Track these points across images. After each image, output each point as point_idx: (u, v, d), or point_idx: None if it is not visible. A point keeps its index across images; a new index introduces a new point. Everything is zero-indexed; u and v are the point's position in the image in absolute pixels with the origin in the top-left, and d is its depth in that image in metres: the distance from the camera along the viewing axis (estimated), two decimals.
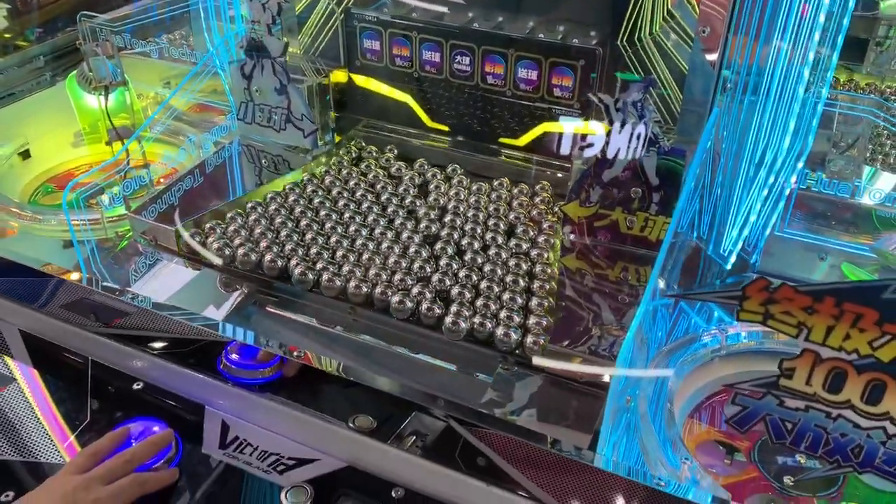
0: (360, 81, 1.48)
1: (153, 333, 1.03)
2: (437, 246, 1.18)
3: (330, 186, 1.34)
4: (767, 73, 1.08)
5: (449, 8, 1.37)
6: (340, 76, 1.48)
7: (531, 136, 1.37)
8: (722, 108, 1.15)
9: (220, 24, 1.57)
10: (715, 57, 1.14)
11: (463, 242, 1.20)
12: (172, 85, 1.68)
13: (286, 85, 1.39)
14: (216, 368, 0.97)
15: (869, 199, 1.16)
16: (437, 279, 1.10)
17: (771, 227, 1.19)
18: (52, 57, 1.83)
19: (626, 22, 1.23)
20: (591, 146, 1.16)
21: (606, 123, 1.13)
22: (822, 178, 1.16)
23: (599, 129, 1.15)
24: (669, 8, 1.25)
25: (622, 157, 1.15)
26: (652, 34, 1.25)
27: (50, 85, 1.78)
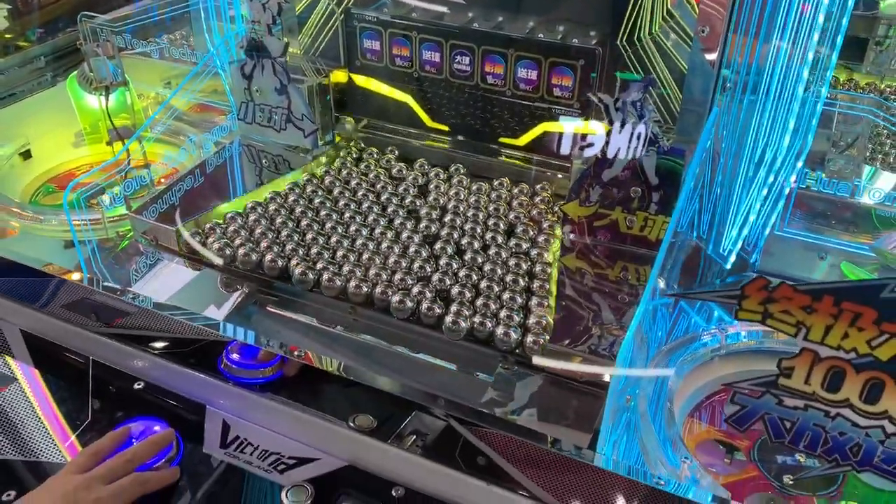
0: (360, 81, 1.48)
1: (154, 333, 1.04)
2: (437, 245, 1.18)
3: (330, 186, 1.34)
4: (767, 72, 1.08)
5: (449, 8, 1.37)
6: (340, 76, 1.48)
7: (531, 135, 1.37)
8: (721, 107, 1.15)
9: (220, 24, 1.57)
10: (714, 56, 1.14)
11: (463, 242, 1.20)
12: (173, 85, 1.68)
13: (286, 85, 1.39)
14: (217, 368, 0.97)
15: (868, 198, 1.16)
16: (437, 279, 1.10)
17: (771, 226, 1.19)
18: (52, 57, 1.84)
19: (625, 22, 1.23)
20: (590, 146, 1.16)
21: (606, 123, 1.14)
22: (821, 177, 1.16)
23: (599, 128, 1.15)
24: (669, 8, 1.25)
25: (622, 156, 1.15)
26: (651, 34, 1.25)
27: (51, 85, 1.79)
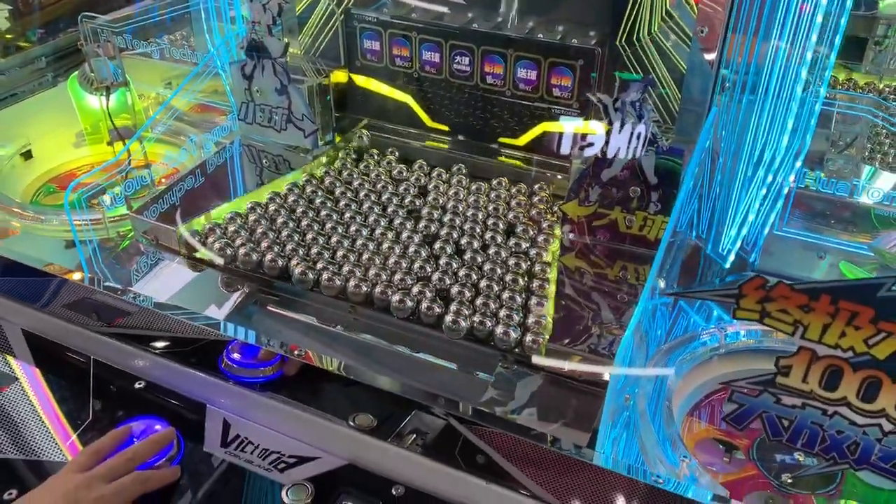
0: (360, 82, 1.48)
1: (155, 333, 1.04)
2: (436, 245, 1.18)
3: (330, 186, 1.35)
4: (766, 72, 1.08)
5: (449, 8, 1.37)
6: (341, 76, 1.48)
7: (531, 135, 1.37)
8: (720, 107, 1.15)
9: (220, 24, 1.58)
10: (713, 56, 1.14)
11: (462, 242, 1.20)
12: (174, 85, 1.68)
13: (287, 85, 1.39)
14: (218, 367, 0.97)
15: (867, 197, 1.17)
16: (436, 278, 1.10)
17: (770, 225, 1.20)
18: (53, 58, 1.84)
19: (624, 22, 1.23)
20: (590, 146, 1.17)
21: (605, 123, 1.14)
22: (820, 177, 1.17)
23: (599, 128, 1.15)
24: (668, 8, 1.25)
25: (621, 156, 1.15)
26: (651, 34, 1.25)
27: (52, 85, 1.79)
